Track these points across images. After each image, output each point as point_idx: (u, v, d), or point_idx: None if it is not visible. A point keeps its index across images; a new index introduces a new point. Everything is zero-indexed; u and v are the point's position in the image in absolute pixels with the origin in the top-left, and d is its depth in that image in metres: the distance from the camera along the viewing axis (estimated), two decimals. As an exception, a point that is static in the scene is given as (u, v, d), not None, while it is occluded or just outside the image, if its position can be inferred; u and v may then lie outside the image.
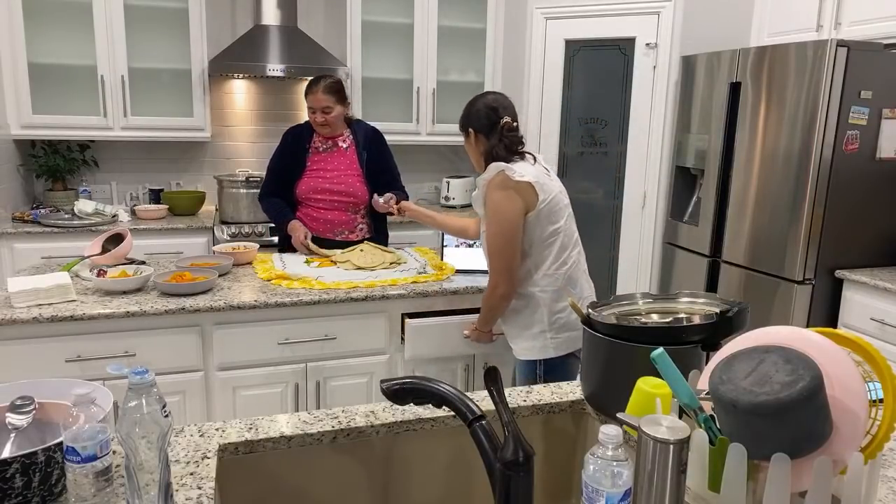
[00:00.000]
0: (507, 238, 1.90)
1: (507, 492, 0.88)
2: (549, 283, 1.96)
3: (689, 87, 3.37)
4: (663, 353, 0.96)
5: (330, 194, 2.72)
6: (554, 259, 1.96)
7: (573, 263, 2.00)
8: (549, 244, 1.95)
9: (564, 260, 1.97)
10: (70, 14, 3.33)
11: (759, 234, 2.99)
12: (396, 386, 0.98)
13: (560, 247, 1.96)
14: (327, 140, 2.75)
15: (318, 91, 2.61)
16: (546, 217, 1.92)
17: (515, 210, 1.89)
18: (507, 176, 1.88)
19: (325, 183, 2.71)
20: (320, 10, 3.99)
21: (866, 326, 2.63)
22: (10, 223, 3.30)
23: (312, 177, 2.73)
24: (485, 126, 1.98)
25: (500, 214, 1.90)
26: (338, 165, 2.73)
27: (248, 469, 1.20)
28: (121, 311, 1.98)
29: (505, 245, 1.91)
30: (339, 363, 2.27)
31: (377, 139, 2.81)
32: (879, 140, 2.77)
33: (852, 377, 0.90)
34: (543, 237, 1.94)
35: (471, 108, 2.02)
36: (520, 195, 1.88)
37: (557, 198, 1.96)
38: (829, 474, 0.84)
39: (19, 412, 1.05)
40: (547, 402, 1.37)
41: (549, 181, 1.97)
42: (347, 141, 2.76)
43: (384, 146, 2.83)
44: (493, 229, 1.93)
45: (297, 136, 2.78)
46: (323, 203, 2.73)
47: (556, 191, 1.97)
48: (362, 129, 2.80)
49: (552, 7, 3.62)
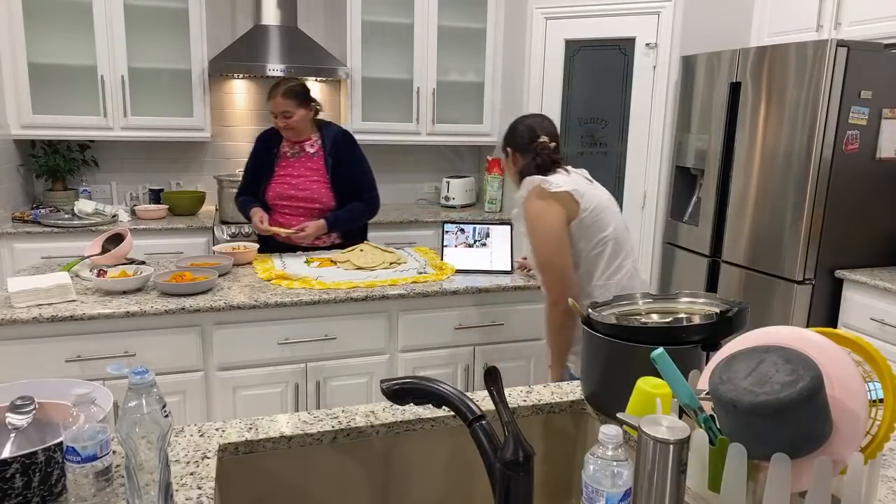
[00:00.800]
0: (554, 249, 1.86)
1: (507, 492, 0.88)
2: (601, 294, 1.89)
3: (689, 87, 3.37)
4: (663, 353, 0.96)
5: (295, 200, 2.68)
6: (605, 268, 1.91)
7: (627, 272, 1.94)
8: (598, 254, 1.90)
9: (617, 268, 1.92)
10: (70, 14, 3.34)
11: (759, 234, 2.99)
12: (396, 386, 0.98)
13: (611, 254, 1.92)
14: (295, 145, 2.71)
15: (276, 96, 2.57)
16: (591, 225, 1.88)
17: (557, 219, 1.85)
18: (543, 188, 1.87)
19: (291, 189, 2.68)
20: (320, 10, 3.99)
21: (866, 326, 2.63)
22: (10, 223, 3.30)
23: (279, 182, 2.69)
24: (522, 145, 1.98)
25: (541, 226, 1.87)
26: (304, 171, 2.69)
27: (248, 469, 1.20)
28: (121, 311, 1.98)
29: (552, 256, 1.87)
30: (339, 363, 2.27)
31: (345, 144, 2.74)
32: (879, 140, 2.77)
33: (852, 377, 0.90)
34: (591, 246, 1.90)
35: (513, 128, 2.03)
36: (559, 203, 1.86)
37: (603, 205, 1.92)
38: (829, 474, 0.84)
39: (19, 412, 1.05)
40: (547, 402, 1.37)
41: (592, 189, 1.94)
42: (315, 146, 2.71)
43: (353, 151, 2.76)
44: (538, 242, 1.89)
45: (267, 140, 2.75)
46: (289, 209, 2.70)
47: (602, 199, 1.94)
48: (331, 132, 2.74)
49: (552, 7, 3.62)
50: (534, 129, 1.99)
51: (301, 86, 2.63)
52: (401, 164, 4.38)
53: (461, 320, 2.38)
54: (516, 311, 2.43)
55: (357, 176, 2.75)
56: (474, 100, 4.10)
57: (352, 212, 2.73)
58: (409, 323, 2.32)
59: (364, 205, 2.75)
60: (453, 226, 2.61)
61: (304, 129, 2.67)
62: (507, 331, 2.44)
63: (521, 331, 2.46)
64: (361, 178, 2.76)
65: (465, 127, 4.09)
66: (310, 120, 2.68)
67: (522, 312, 2.44)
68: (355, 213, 2.74)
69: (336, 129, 2.77)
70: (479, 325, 2.40)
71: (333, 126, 2.78)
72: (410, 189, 4.44)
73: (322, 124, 2.76)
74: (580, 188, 1.90)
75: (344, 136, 2.75)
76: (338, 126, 2.80)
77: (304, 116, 2.63)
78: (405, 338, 2.33)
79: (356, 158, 2.76)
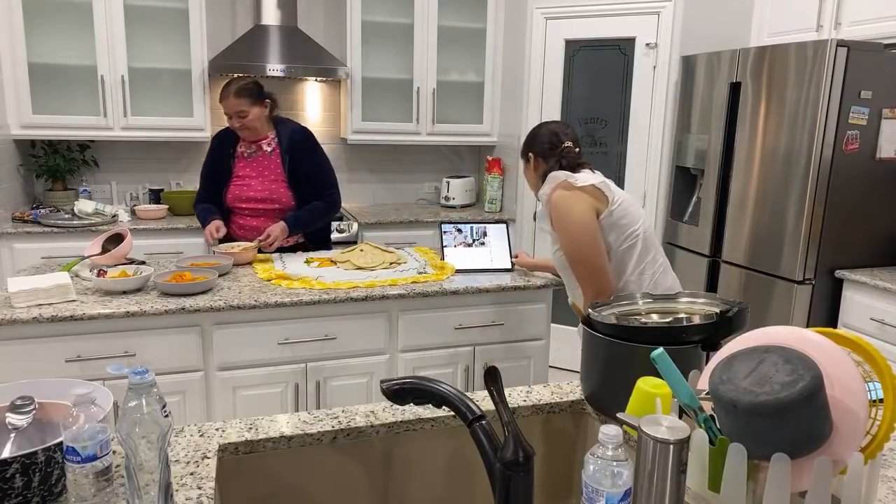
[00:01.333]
0: (585, 241, 1.83)
1: (507, 492, 0.88)
2: (636, 287, 1.89)
3: (689, 87, 3.37)
4: (663, 353, 0.96)
5: (255, 202, 2.64)
6: (637, 262, 1.89)
7: (660, 266, 1.93)
8: (629, 247, 1.89)
9: (650, 262, 1.91)
10: (70, 14, 3.33)
11: (759, 234, 2.99)
12: (396, 386, 0.98)
13: (642, 249, 1.90)
14: (251, 144, 2.64)
15: (229, 95, 2.51)
16: (620, 219, 1.87)
17: (586, 210, 1.83)
18: (569, 182, 1.87)
19: (250, 191, 2.63)
20: (320, 10, 4.00)
21: (866, 326, 2.63)
22: (10, 223, 3.30)
23: (238, 184, 2.64)
24: (545, 150, 1.98)
25: (570, 218, 1.84)
26: (262, 171, 2.63)
27: (248, 469, 1.20)
28: (121, 311, 1.98)
29: (584, 249, 1.84)
30: (339, 363, 2.27)
31: (302, 141, 2.66)
32: (879, 140, 2.77)
33: (852, 377, 0.90)
34: (621, 240, 1.88)
35: (534, 134, 2.03)
36: (587, 195, 1.85)
37: (629, 201, 1.92)
38: (829, 474, 0.84)
39: (19, 412, 1.05)
40: (547, 402, 1.37)
41: (616, 188, 1.95)
42: (272, 144, 2.65)
43: (310, 148, 2.67)
44: (567, 236, 1.86)
45: (223, 141, 2.69)
46: (249, 211, 2.66)
47: (627, 195, 1.94)
48: (288, 130, 2.66)
49: (552, 7, 3.62)
50: (557, 134, 1.99)
51: (254, 83, 2.58)
52: (401, 164, 4.38)
53: (461, 320, 2.38)
54: (516, 311, 2.43)
55: (316, 175, 2.67)
56: (474, 100, 4.10)
57: (312, 212, 2.66)
58: (409, 323, 2.32)
59: (323, 204, 2.68)
60: (450, 226, 2.61)
61: (260, 127, 2.61)
62: (507, 331, 2.44)
63: (521, 331, 2.46)
64: (321, 176, 2.69)
65: (465, 127, 4.09)
66: (265, 117, 2.62)
67: (522, 312, 2.44)
68: (315, 213, 2.67)
69: (293, 126, 2.70)
70: (479, 325, 2.40)
71: (291, 123, 2.71)
72: (410, 189, 4.44)
73: (279, 121, 2.69)
74: (608, 183, 1.91)
75: (302, 133, 2.67)
76: (296, 123, 2.73)
77: (259, 114, 2.57)
78: (405, 338, 2.33)
79: (314, 156, 2.67)
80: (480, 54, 4.04)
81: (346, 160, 4.24)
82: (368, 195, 4.34)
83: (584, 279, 1.87)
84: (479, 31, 4.00)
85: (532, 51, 3.70)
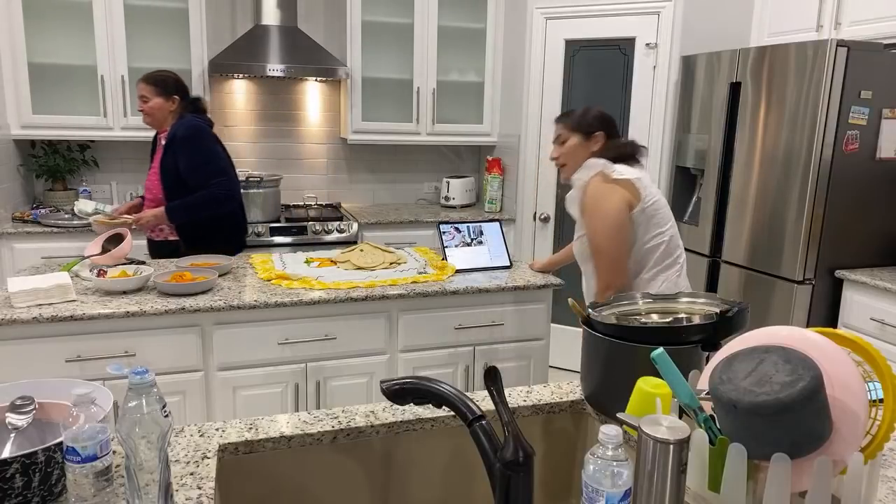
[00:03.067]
0: (610, 234, 1.85)
1: (507, 492, 0.87)
2: (647, 286, 1.90)
3: (689, 87, 3.37)
4: (663, 353, 0.96)
5: (146, 192, 2.78)
6: (656, 262, 1.91)
7: (677, 271, 1.94)
8: (653, 247, 1.90)
9: (669, 264, 1.92)
10: (70, 14, 3.33)
11: (758, 234, 2.99)
12: (396, 386, 0.98)
13: (664, 251, 1.91)
14: (159, 136, 2.76)
15: (140, 80, 2.63)
16: (651, 217, 1.88)
17: (619, 204, 1.84)
18: (606, 172, 1.87)
19: (147, 182, 2.77)
20: (320, 10, 3.99)
21: (866, 326, 2.63)
22: (10, 223, 3.30)
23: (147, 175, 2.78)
24: (615, 132, 2.00)
25: (602, 209, 1.85)
26: (155, 164, 2.72)
27: (248, 469, 1.20)
28: (121, 311, 1.98)
29: (607, 241, 1.85)
30: (339, 363, 2.27)
31: (181, 139, 2.61)
32: (879, 140, 2.76)
33: (852, 377, 0.90)
34: (647, 238, 1.90)
35: (603, 114, 2.01)
36: (623, 188, 1.86)
37: (662, 202, 1.93)
38: (829, 474, 0.84)
39: (19, 412, 1.05)
40: (547, 402, 1.37)
41: (652, 185, 1.95)
42: (167, 139, 2.66)
43: (186, 148, 2.60)
44: (594, 225, 1.87)
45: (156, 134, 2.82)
46: (145, 204, 2.78)
47: (661, 197, 1.94)
48: (175, 127, 2.64)
49: (552, 7, 3.62)
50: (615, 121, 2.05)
51: (163, 75, 2.65)
52: (401, 164, 4.38)
53: (461, 320, 2.38)
54: (516, 311, 2.44)
55: (194, 170, 2.61)
56: (474, 100, 4.10)
57: (189, 200, 2.59)
58: (409, 323, 2.32)
59: (203, 193, 2.59)
60: (448, 226, 2.61)
61: (162, 119, 2.67)
62: (507, 331, 2.44)
63: (521, 331, 2.46)
64: (200, 170, 2.61)
65: (465, 127, 4.09)
66: (169, 112, 2.67)
67: (522, 312, 2.44)
68: (194, 201, 2.59)
69: (186, 122, 2.64)
70: (479, 325, 2.40)
71: (185, 120, 2.65)
72: (410, 189, 4.44)
73: (181, 118, 2.66)
74: (644, 180, 1.91)
75: (183, 130, 2.61)
76: (191, 119, 2.66)
77: (160, 106, 2.63)
78: (405, 338, 2.33)
79: (189, 151, 2.61)
80: (480, 54, 4.04)
81: (346, 160, 4.24)
82: (368, 195, 4.34)
83: (602, 269, 1.89)
84: (479, 31, 4.00)
85: (532, 51, 3.70)
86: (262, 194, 3.59)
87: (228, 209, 2.70)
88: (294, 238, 3.55)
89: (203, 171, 2.62)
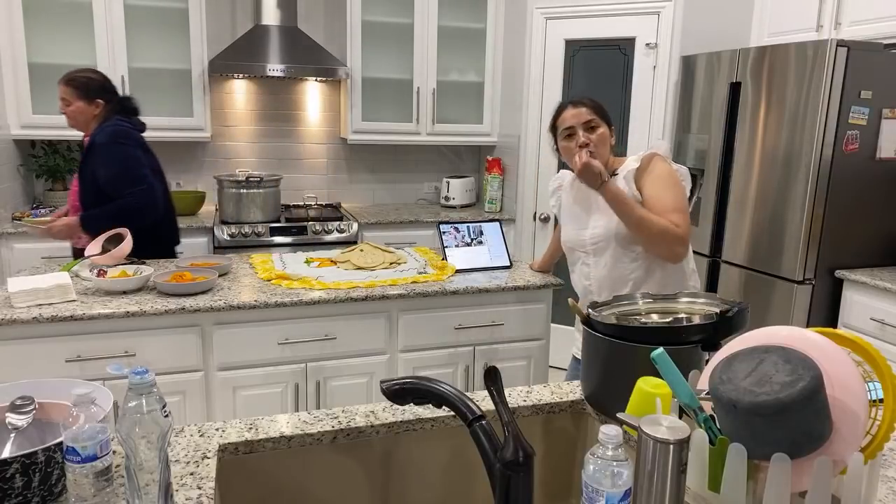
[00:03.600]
0: (684, 195, 1.87)
1: (507, 492, 0.87)
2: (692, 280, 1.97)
3: (689, 87, 3.37)
4: (663, 353, 0.96)
5: (71, 199, 2.63)
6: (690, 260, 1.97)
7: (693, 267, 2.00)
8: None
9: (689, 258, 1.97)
10: (70, 14, 3.34)
11: (758, 234, 2.99)
12: (396, 386, 0.98)
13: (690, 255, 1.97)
14: (83, 141, 2.60)
15: (61, 80, 2.49)
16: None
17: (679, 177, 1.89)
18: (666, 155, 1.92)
19: (72, 188, 2.63)
20: (320, 10, 3.99)
21: (866, 326, 2.63)
22: (10, 223, 3.30)
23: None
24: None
25: (674, 177, 1.87)
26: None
27: (248, 469, 1.20)
28: (121, 311, 1.98)
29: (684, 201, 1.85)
30: (339, 363, 2.27)
31: (99, 145, 2.47)
32: (879, 140, 2.76)
33: (852, 377, 0.90)
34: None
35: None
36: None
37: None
38: (829, 474, 0.84)
39: (19, 412, 1.05)
40: (547, 402, 1.37)
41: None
42: (87, 145, 2.54)
43: (102, 154, 2.46)
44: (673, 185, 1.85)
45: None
46: (71, 212, 2.64)
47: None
48: (96, 132, 2.50)
49: (552, 7, 3.62)
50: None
51: (87, 77, 2.52)
52: (401, 164, 4.38)
53: (461, 320, 2.38)
54: (516, 311, 2.44)
55: (107, 178, 2.46)
56: (474, 100, 4.10)
57: (104, 210, 2.46)
58: (409, 323, 2.32)
59: (119, 202, 2.44)
60: (448, 226, 2.61)
61: (84, 123, 2.55)
62: (507, 331, 2.44)
63: (521, 331, 2.46)
64: (113, 178, 2.45)
65: (465, 127, 4.09)
66: (92, 117, 2.53)
67: (522, 312, 2.44)
68: (108, 211, 2.45)
69: (106, 126, 2.50)
70: (479, 325, 2.40)
71: (108, 124, 2.51)
72: (410, 189, 4.44)
73: (106, 123, 2.52)
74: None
75: (102, 136, 2.47)
76: (114, 124, 2.51)
77: (81, 110, 2.51)
78: (405, 338, 2.33)
79: (104, 160, 2.46)
80: (480, 54, 4.04)
81: (346, 160, 4.25)
82: (368, 195, 4.34)
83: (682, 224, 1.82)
84: (479, 31, 4.00)
85: (532, 51, 3.70)
86: (262, 194, 3.59)
87: (150, 220, 2.50)
88: (294, 238, 3.55)
89: (120, 179, 2.45)
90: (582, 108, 1.94)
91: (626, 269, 1.91)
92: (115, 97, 2.60)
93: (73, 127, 2.61)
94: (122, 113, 2.59)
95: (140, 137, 2.61)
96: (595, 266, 1.96)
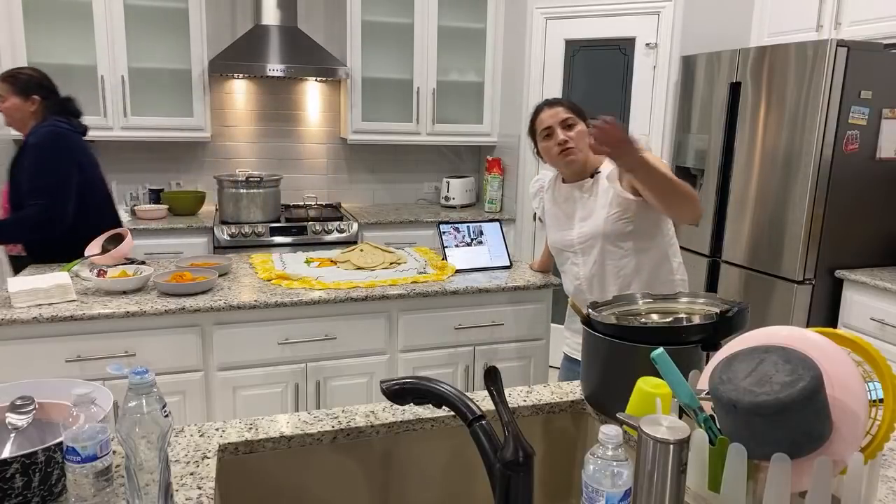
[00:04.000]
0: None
1: (507, 492, 0.87)
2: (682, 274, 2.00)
3: (689, 87, 3.37)
4: (663, 353, 0.96)
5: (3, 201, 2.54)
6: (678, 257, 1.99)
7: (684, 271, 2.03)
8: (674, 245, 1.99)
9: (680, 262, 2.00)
10: (70, 14, 3.34)
11: (758, 234, 2.99)
12: (396, 386, 0.98)
13: (675, 250, 1.99)
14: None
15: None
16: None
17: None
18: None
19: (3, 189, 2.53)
20: (320, 10, 3.99)
21: (866, 326, 2.63)
22: None
23: None
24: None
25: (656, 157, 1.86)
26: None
27: (248, 469, 1.20)
28: (121, 311, 1.98)
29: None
30: (339, 363, 2.27)
31: (28, 145, 2.38)
32: (879, 140, 2.76)
33: (852, 377, 0.90)
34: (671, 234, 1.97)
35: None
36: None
37: None
38: (829, 474, 0.84)
39: (19, 412, 1.05)
40: (547, 401, 1.37)
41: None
42: (22, 145, 2.45)
43: (28, 154, 2.37)
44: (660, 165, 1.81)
45: None
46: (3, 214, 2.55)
47: None
48: (31, 131, 2.42)
49: (552, 7, 3.62)
50: None
51: (24, 73, 2.46)
52: (401, 164, 4.38)
53: (461, 320, 2.38)
54: (516, 311, 2.44)
55: (27, 181, 2.36)
56: (474, 100, 4.10)
57: (8, 219, 2.41)
58: (409, 323, 2.32)
59: (23, 211, 2.34)
60: (448, 226, 2.61)
61: (20, 120, 2.47)
62: (507, 331, 2.44)
63: (521, 331, 2.46)
64: (28, 184, 2.36)
65: (465, 127, 4.09)
66: (31, 113, 2.45)
67: (522, 312, 2.44)
68: (11, 221, 2.39)
69: (41, 126, 2.41)
70: (479, 325, 2.40)
71: (44, 124, 2.42)
72: (410, 189, 4.44)
73: (44, 120, 2.45)
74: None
75: (33, 137, 2.39)
76: (50, 124, 2.42)
77: (17, 107, 2.43)
78: (405, 338, 2.33)
79: (27, 162, 2.37)
80: (480, 54, 4.04)
81: (346, 160, 4.25)
82: (368, 195, 4.34)
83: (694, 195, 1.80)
84: (479, 31, 4.00)
85: (532, 51, 3.70)
86: (261, 194, 3.59)
87: (48, 234, 2.37)
88: (294, 238, 3.55)
89: (30, 185, 2.34)
90: (558, 108, 1.98)
91: (616, 266, 1.91)
92: (53, 95, 2.51)
93: (10, 125, 2.53)
94: (63, 114, 2.50)
95: (78, 139, 2.51)
96: (584, 265, 1.97)
